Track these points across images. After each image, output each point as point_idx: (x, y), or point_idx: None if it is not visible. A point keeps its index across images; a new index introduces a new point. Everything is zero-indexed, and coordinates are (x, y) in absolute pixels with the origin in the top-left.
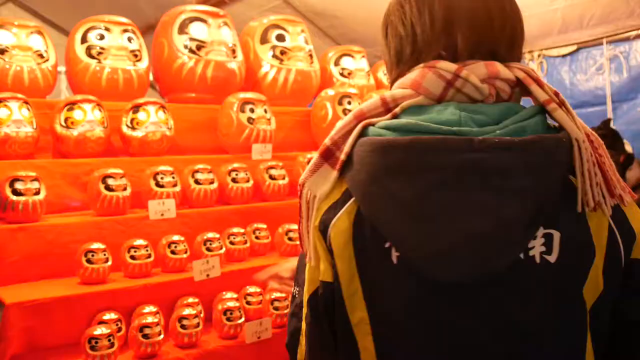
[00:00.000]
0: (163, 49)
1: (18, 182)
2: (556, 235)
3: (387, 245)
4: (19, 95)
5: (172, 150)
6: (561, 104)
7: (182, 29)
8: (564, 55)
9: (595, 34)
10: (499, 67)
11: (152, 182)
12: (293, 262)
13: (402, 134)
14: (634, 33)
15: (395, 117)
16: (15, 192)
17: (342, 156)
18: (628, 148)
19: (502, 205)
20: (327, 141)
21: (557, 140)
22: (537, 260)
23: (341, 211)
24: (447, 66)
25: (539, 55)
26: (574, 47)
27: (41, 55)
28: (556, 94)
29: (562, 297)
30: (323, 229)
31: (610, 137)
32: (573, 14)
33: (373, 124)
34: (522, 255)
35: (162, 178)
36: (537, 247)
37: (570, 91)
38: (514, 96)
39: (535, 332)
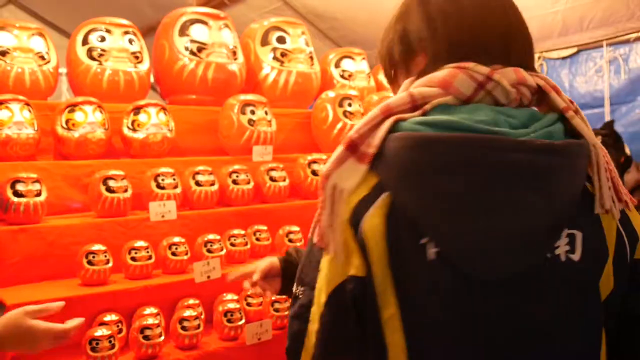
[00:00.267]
0: (164, 51)
1: (19, 183)
2: (578, 235)
3: (423, 241)
4: (20, 97)
5: (173, 152)
6: (577, 111)
7: (182, 31)
8: (564, 58)
9: (596, 36)
10: (524, 74)
11: (153, 184)
12: (260, 262)
13: (440, 130)
14: (634, 35)
15: (424, 114)
16: (16, 194)
17: (372, 150)
18: (626, 151)
19: (540, 206)
20: (352, 134)
21: (582, 146)
22: (563, 259)
23: (374, 206)
24: (480, 68)
25: (539, 57)
26: (574, 50)
27: (42, 57)
28: (571, 102)
29: (584, 294)
30: (355, 223)
31: (613, 138)
32: (573, 17)
33: (404, 120)
34: (549, 254)
35: (162, 180)
36: (562, 246)
37: (569, 93)
38: (533, 102)
39: (559, 328)
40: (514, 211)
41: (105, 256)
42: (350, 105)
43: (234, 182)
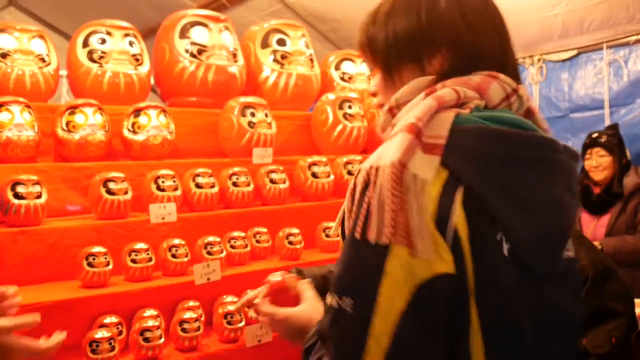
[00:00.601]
0: (164, 53)
1: (19, 185)
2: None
3: (499, 237)
4: (21, 99)
5: (173, 154)
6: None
7: (183, 34)
8: (564, 60)
9: (596, 38)
10: (527, 92)
11: (153, 186)
12: (262, 288)
13: (505, 126)
14: (633, 38)
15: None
16: (17, 196)
17: (442, 141)
18: (627, 154)
19: (572, 205)
20: (415, 121)
21: None
22: (570, 255)
23: (456, 199)
24: (509, 81)
25: (539, 60)
26: (574, 52)
27: (43, 59)
28: None
29: (580, 287)
30: (440, 217)
31: (617, 138)
32: (573, 19)
33: (462, 114)
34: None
35: (163, 182)
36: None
37: (568, 95)
38: None
39: (576, 319)
40: (563, 209)
41: (106, 258)
42: (350, 107)
43: (234, 184)
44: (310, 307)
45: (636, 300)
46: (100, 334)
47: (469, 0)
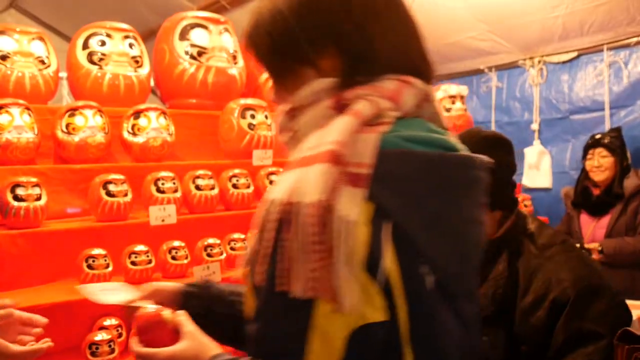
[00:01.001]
0: (164, 55)
1: (19, 187)
2: None
3: (424, 271)
4: (21, 101)
5: (173, 156)
6: None
7: (183, 35)
8: (564, 62)
9: (596, 40)
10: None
11: (153, 188)
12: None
13: (428, 147)
14: (634, 40)
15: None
16: (16, 198)
17: (366, 170)
18: (627, 156)
19: (483, 219)
20: (336, 147)
21: None
22: None
23: (384, 238)
24: (421, 85)
25: (539, 62)
26: (575, 54)
27: (43, 61)
28: None
29: None
30: (373, 263)
31: (620, 140)
32: (574, 21)
33: (384, 133)
34: None
35: (162, 184)
36: None
37: (569, 97)
38: None
39: (479, 327)
40: (479, 226)
41: (105, 260)
42: None
43: (234, 186)
44: (195, 343)
45: (636, 302)
46: (100, 336)
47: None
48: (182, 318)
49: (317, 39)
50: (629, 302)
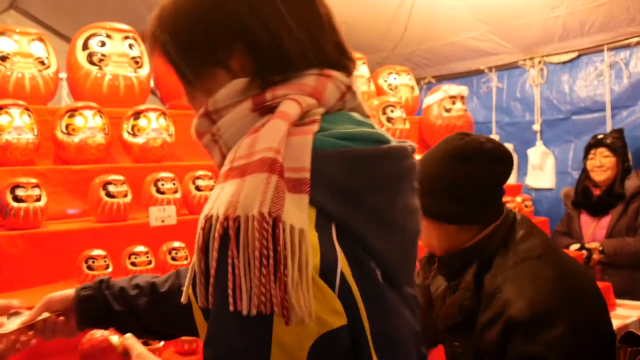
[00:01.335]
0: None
1: (19, 188)
2: None
3: (372, 265)
4: (20, 102)
5: (173, 156)
6: None
7: None
8: (564, 62)
9: (596, 40)
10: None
11: (153, 189)
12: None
13: (360, 144)
14: (634, 40)
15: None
16: (16, 199)
17: (306, 174)
18: (629, 157)
19: (418, 204)
20: (274, 155)
21: None
22: None
23: (334, 241)
24: (343, 78)
25: (539, 62)
26: (575, 54)
27: (42, 62)
28: None
29: None
30: (328, 268)
31: (622, 141)
32: (574, 21)
33: (316, 132)
34: None
35: (162, 184)
36: None
37: (569, 97)
38: None
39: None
40: (415, 214)
41: (105, 261)
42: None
43: None
44: None
45: (636, 303)
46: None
47: None
48: (131, 341)
49: (222, 38)
50: (629, 302)
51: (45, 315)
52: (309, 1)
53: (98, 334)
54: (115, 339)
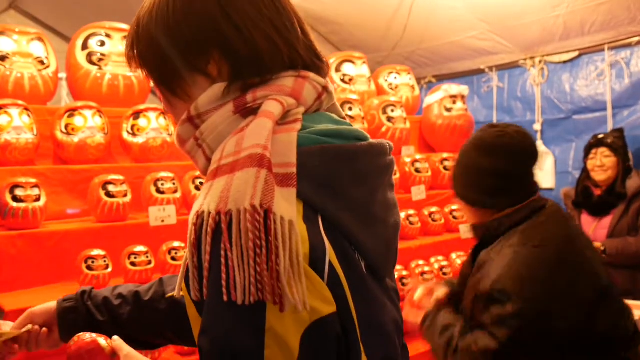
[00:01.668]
0: None
1: (18, 188)
2: None
3: (357, 256)
4: (20, 102)
5: (173, 156)
6: None
7: None
8: (565, 62)
9: (597, 40)
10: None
11: (153, 189)
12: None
13: (340, 140)
14: (635, 39)
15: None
16: (16, 199)
17: (293, 169)
18: (629, 156)
19: (395, 199)
20: (262, 151)
21: None
22: None
23: (322, 232)
24: (319, 79)
25: (540, 62)
26: (576, 54)
27: (42, 62)
28: None
29: None
30: (317, 257)
31: (623, 141)
32: (574, 20)
33: (299, 131)
34: None
35: (162, 184)
36: None
37: (570, 97)
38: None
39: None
40: (389, 208)
41: (105, 261)
42: (350, 109)
43: None
44: None
45: (637, 303)
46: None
47: (232, 1)
48: (118, 342)
49: (199, 44)
50: (631, 302)
51: (29, 327)
52: (280, 6)
53: (86, 336)
54: (102, 340)
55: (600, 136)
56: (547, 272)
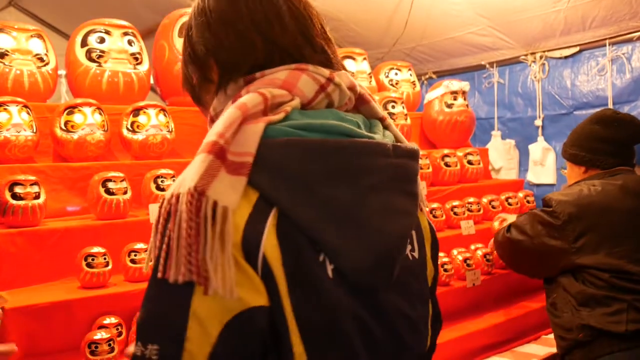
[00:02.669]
0: (164, 52)
1: (18, 186)
2: (413, 233)
3: (321, 258)
4: (19, 99)
5: (173, 153)
6: (389, 118)
7: (182, 32)
8: (566, 57)
9: (598, 35)
10: (352, 79)
11: (153, 186)
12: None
13: (321, 134)
14: (637, 34)
15: (286, 117)
16: (15, 197)
17: (249, 159)
18: None
19: (408, 208)
20: (216, 138)
21: (419, 151)
22: (410, 257)
23: (267, 225)
24: (321, 70)
25: (541, 57)
26: (577, 49)
27: (41, 59)
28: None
29: (425, 285)
30: (248, 247)
31: None
32: (575, 16)
33: (272, 122)
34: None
35: (162, 181)
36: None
37: (571, 92)
38: (351, 108)
39: (417, 321)
40: (398, 216)
41: (105, 258)
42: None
43: None
44: None
45: None
46: (100, 335)
47: (213, 9)
48: None
49: (200, 56)
50: None
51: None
52: (266, 5)
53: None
54: None
55: None
56: (585, 202)
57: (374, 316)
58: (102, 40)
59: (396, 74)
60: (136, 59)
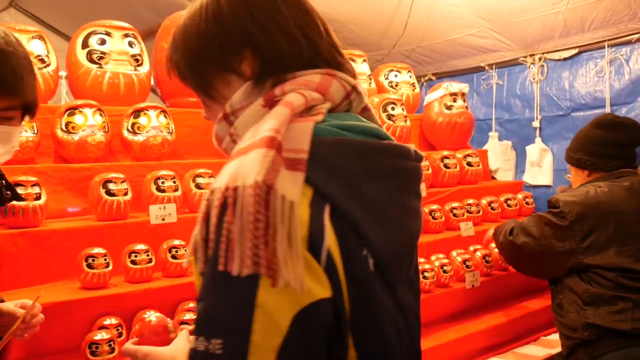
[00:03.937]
0: (164, 54)
1: (19, 187)
2: None
3: (364, 253)
4: None
5: (173, 154)
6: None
7: None
8: (565, 59)
9: (597, 37)
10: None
11: (153, 187)
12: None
13: (361, 136)
14: (635, 36)
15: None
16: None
17: (304, 155)
18: None
19: (420, 209)
20: (274, 134)
21: None
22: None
23: (325, 220)
24: (347, 78)
25: (539, 59)
26: (575, 51)
27: (42, 60)
28: None
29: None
30: (315, 242)
31: None
32: (574, 17)
33: (317, 122)
34: None
35: (163, 182)
36: None
37: (569, 94)
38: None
39: (419, 317)
40: (415, 216)
41: (105, 259)
42: None
43: None
44: (175, 348)
45: None
46: (100, 335)
47: (255, 1)
48: (183, 332)
49: (231, 44)
50: None
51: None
52: (303, 7)
53: (156, 316)
54: (171, 325)
55: None
56: (592, 201)
57: (399, 309)
58: (102, 42)
59: (396, 75)
60: (137, 60)
